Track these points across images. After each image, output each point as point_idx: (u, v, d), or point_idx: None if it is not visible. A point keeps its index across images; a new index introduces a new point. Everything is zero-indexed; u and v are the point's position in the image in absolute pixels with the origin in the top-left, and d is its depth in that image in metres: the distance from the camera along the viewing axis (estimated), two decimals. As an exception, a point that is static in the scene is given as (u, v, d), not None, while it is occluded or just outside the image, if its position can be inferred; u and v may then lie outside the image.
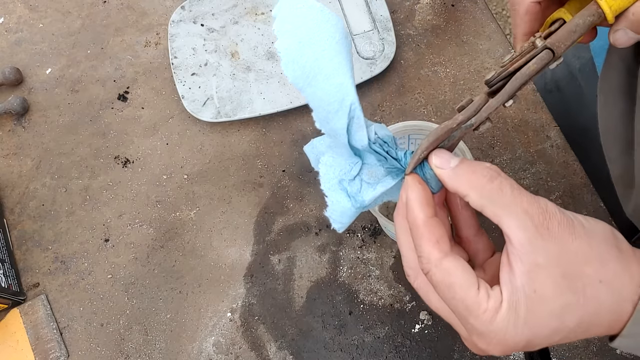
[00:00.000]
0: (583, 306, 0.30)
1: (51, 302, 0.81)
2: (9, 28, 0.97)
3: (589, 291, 0.30)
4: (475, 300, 0.31)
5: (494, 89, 0.37)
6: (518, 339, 0.30)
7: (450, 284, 0.32)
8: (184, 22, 0.91)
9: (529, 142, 0.83)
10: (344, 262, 0.80)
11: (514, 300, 0.30)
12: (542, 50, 0.36)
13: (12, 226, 0.85)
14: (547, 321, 0.30)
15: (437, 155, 0.35)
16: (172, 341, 0.78)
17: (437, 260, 0.32)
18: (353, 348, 0.75)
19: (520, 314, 0.30)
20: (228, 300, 0.79)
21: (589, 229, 0.31)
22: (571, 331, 0.31)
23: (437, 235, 0.33)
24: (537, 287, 0.30)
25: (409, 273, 0.36)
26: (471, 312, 0.31)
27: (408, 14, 0.93)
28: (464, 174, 0.33)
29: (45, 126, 0.91)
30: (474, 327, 0.31)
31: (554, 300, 0.30)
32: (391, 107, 0.87)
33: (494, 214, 0.31)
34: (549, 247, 0.30)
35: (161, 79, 0.92)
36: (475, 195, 0.32)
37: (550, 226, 0.30)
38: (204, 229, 0.83)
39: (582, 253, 0.31)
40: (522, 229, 0.30)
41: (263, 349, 0.77)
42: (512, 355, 0.73)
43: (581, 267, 0.30)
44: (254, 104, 0.86)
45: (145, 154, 0.88)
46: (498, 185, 0.32)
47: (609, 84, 0.54)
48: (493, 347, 0.31)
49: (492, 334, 0.30)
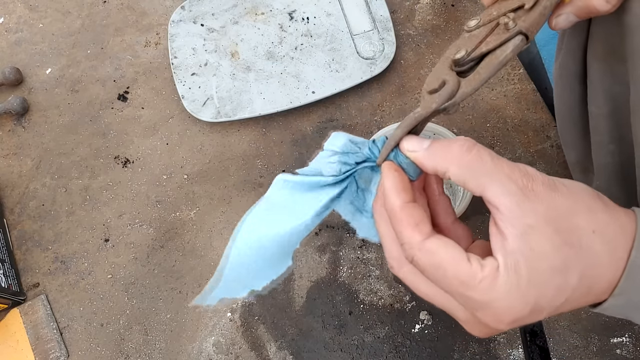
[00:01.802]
0: (582, 258, 0.29)
1: (51, 302, 0.81)
2: (9, 28, 0.97)
3: (584, 242, 0.30)
4: (468, 271, 0.30)
5: (463, 69, 0.36)
6: (525, 302, 0.29)
7: (438, 264, 0.30)
8: (184, 22, 0.91)
9: (529, 142, 0.83)
10: (344, 262, 0.80)
11: (511, 263, 0.29)
12: (516, 35, 0.35)
13: (12, 226, 0.85)
14: (551, 277, 0.29)
15: (408, 140, 0.34)
16: (172, 341, 0.78)
17: (419, 243, 0.31)
18: (353, 348, 0.75)
19: (523, 274, 0.29)
20: (228, 300, 0.79)
21: (571, 187, 0.32)
22: (575, 290, 0.30)
23: (417, 218, 0.32)
24: (533, 245, 0.29)
25: (392, 264, 0.35)
26: (468, 285, 0.29)
27: (408, 14, 0.93)
28: (440, 150, 0.32)
29: (45, 126, 0.91)
30: (474, 301, 0.30)
31: (553, 255, 0.29)
32: (391, 107, 0.87)
33: (477, 185, 0.31)
34: (538, 207, 0.29)
35: (161, 79, 0.92)
36: (455, 169, 0.31)
37: (534, 187, 0.30)
38: (204, 229, 0.83)
39: (570, 207, 0.30)
40: (508, 194, 0.30)
41: (263, 349, 0.77)
42: (511, 355, 0.73)
43: (573, 221, 0.30)
44: (254, 104, 0.86)
45: (145, 154, 0.88)
46: (476, 154, 0.31)
47: (565, 71, 0.54)
48: (500, 318, 0.30)
49: (496, 302, 0.29)
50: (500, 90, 0.86)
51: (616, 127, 0.47)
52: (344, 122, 0.87)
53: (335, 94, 0.86)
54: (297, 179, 0.37)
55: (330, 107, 0.88)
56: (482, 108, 0.86)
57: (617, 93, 0.45)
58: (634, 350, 0.72)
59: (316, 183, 0.37)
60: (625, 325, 0.73)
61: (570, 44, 0.50)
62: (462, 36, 0.38)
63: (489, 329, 0.32)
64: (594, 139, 0.51)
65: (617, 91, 0.45)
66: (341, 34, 0.89)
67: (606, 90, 0.46)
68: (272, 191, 0.38)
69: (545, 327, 0.73)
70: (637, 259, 0.30)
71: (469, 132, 0.84)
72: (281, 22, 0.90)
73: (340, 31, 0.89)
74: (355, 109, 0.88)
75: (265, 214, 0.37)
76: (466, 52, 0.35)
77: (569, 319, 0.74)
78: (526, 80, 0.86)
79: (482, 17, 0.37)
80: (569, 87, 0.54)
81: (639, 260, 0.30)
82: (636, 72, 0.39)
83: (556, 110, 0.60)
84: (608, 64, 0.45)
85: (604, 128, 0.49)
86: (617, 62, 0.43)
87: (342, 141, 0.37)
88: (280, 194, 0.37)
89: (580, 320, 0.74)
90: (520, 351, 0.74)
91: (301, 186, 0.37)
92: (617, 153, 0.49)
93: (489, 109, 0.85)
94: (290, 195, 0.37)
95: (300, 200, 0.37)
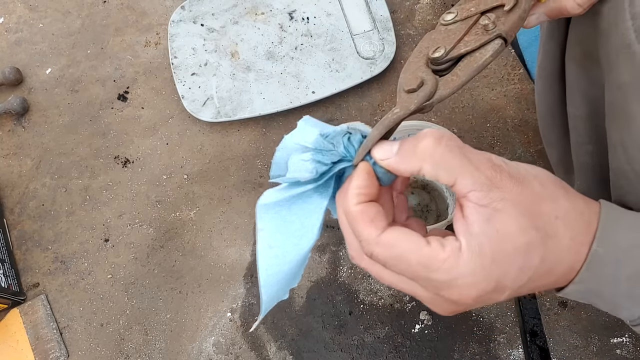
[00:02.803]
0: (545, 243, 0.30)
1: (51, 302, 0.81)
2: (9, 28, 0.97)
3: (548, 227, 0.31)
4: (430, 254, 0.30)
5: (441, 68, 0.35)
6: (489, 279, 0.30)
7: (398, 255, 0.31)
8: (184, 22, 0.91)
9: (529, 142, 0.83)
10: (344, 262, 0.79)
11: (475, 244, 0.30)
12: (495, 38, 0.34)
13: (12, 226, 0.85)
14: (514, 257, 0.30)
15: (377, 148, 0.34)
16: (172, 341, 0.78)
17: (376, 237, 0.32)
18: (353, 348, 0.75)
19: (487, 253, 0.30)
20: (228, 300, 0.79)
21: (535, 174, 0.33)
22: (536, 270, 0.31)
23: (371, 214, 0.32)
24: (499, 227, 0.30)
25: (353, 255, 0.35)
26: (431, 267, 0.30)
27: (408, 14, 0.93)
28: (409, 152, 0.32)
29: (45, 126, 0.91)
30: (439, 281, 0.30)
31: (518, 236, 0.30)
32: (391, 106, 0.87)
33: (449, 177, 0.31)
34: (505, 195, 0.30)
35: (161, 79, 0.92)
36: (428, 165, 0.32)
37: (502, 177, 0.31)
38: (204, 229, 0.83)
39: (536, 194, 0.31)
40: (478, 185, 0.30)
41: (263, 349, 0.77)
42: (511, 355, 0.73)
43: (538, 206, 0.31)
44: (254, 104, 0.86)
45: (145, 154, 0.88)
46: (445, 147, 0.31)
47: (544, 72, 0.54)
48: (465, 294, 0.30)
49: (460, 279, 0.30)
50: (500, 90, 0.86)
51: (594, 128, 0.48)
52: (344, 122, 0.87)
53: (335, 94, 0.86)
54: (279, 196, 0.36)
55: (330, 107, 0.88)
56: (482, 108, 0.86)
57: (593, 95, 0.45)
58: (634, 350, 0.72)
59: (299, 195, 0.36)
60: (625, 326, 0.73)
61: (548, 45, 0.51)
62: (437, 29, 0.37)
63: (455, 306, 0.33)
64: (573, 139, 0.52)
65: (593, 94, 0.45)
66: (341, 34, 0.89)
67: (583, 92, 0.47)
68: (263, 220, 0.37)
69: (545, 327, 0.73)
70: (598, 251, 0.31)
71: (469, 132, 0.84)
72: (281, 22, 0.90)
73: (340, 31, 0.89)
74: (355, 109, 0.87)
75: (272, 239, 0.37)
76: (445, 51, 0.35)
77: (569, 319, 0.74)
78: (526, 80, 0.86)
79: (458, 11, 0.37)
80: (548, 87, 0.54)
81: (600, 253, 0.31)
82: (610, 76, 0.39)
83: (538, 110, 0.61)
84: (584, 67, 0.45)
85: (582, 129, 0.49)
86: (593, 66, 0.43)
87: (313, 137, 0.36)
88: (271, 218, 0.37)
89: (580, 320, 0.74)
90: (520, 351, 0.74)
91: (287, 202, 0.36)
92: (595, 153, 0.50)
93: (489, 109, 0.85)
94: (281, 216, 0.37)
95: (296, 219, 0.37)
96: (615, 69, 0.38)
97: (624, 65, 0.37)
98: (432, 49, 0.35)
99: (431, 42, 0.36)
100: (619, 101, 0.38)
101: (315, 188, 0.36)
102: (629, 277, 0.31)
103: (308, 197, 0.36)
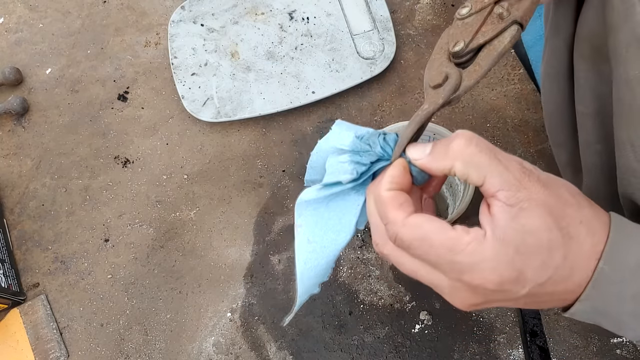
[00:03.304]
0: (568, 243, 0.31)
1: (51, 302, 0.81)
2: (9, 28, 0.97)
3: (572, 230, 0.31)
4: (455, 236, 0.31)
5: (462, 61, 0.37)
6: (512, 267, 0.30)
7: (423, 236, 0.31)
8: (184, 22, 0.91)
9: (529, 142, 0.83)
10: (344, 262, 0.79)
11: (499, 233, 0.30)
12: (511, 24, 0.35)
13: (12, 226, 0.85)
14: (538, 251, 0.30)
15: (411, 149, 0.35)
16: (172, 341, 0.78)
17: (402, 219, 0.32)
18: (353, 348, 0.75)
19: (510, 242, 0.30)
20: (228, 300, 0.79)
21: (562, 182, 0.34)
22: (557, 270, 0.31)
23: (401, 200, 0.33)
24: (524, 222, 0.30)
25: (377, 241, 0.36)
26: (455, 249, 0.30)
27: (408, 14, 0.93)
28: (441, 152, 0.33)
29: (45, 126, 0.91)
30: (462, 264, 0.31)
31: (542, 232, 0.30)
32: (391, 107, 0.87)
33: (479, 176, 0.32)
34: (532, 195, 0.31)
35: (161, 79, 0.92)
36: (460, 164, 0.32)
37: (530, 179, 0.32)
38: (204, 229, 0.83)
39: (562, 198, 0.32)
40: (506, 184, 0.31)
41: (263, 349, 0.77)
42: (512, 355, 0.73)
43: (564, 208, 0.31)
44: (254, 104, 0.86)
45: (145, 154, 0.88)
46: (476, 146, 0.32)
47: (551, 70, 0.54)
48: (487, 279, 0.30)
49: (484, 263, 0.30)
50: (500, 90, 0.86)
51: (602, 127, 0.48)
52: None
53: (335, 94, 0.86)
54: (318, 194, 0.38)
55: (330, 107, 0.88)
56: (482, 108, 0.86)
57: (602, 92, 0.45)
58: (634, 350, 0.72)
59: (337, 193, 0.38)
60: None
61: (554, 42, 0.51)
62: (454, 24, 0.38)
63: (475, 296, 0.32)
64: (582, 138, 0.52)
65: (602, 91, 0.45)
66: (341, 34, 0.89)
67: (592, 89, 0.47)
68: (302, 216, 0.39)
69: (545, 327, 0.73)
70: (604, 269, 0.31)
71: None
72: (281, 22, 0.90)
73: (340, 31, 0.89)
74: (355, 109, 0.87)
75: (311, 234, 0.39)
76: (464, 44, 0.36)
77: (569, 319, 0.74)
78: (526, 80, 0.86)
79: (472, 4, 0.38)
80: (556, 86, 0.54)
81: (606, 270, 0.31)
82: (618, 71, 0.39)
83: (544, 111, 0.61)
84: (593, 64, 0.45)
85: (591, 127, 0.49)
86: (602, 61, 0.43)
87: (349, 139, 0.38)
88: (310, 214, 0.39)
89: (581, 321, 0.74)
90: (520, 351, 0.74)
91: (326, 199, 0.38)
92: (603, 153, 0.49)
93: (489, 109, 0.85)
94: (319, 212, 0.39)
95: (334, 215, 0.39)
96: (623, 64, 0.38)
97: (633, 60, 0.37)
98: (452, 43, 0.36)
99: (450, 37, 0.37)
100: (627, 97, 0.38)
101: (353, 187, 0.38)
102: (634, 296, 0.31)
103: (346, 194, 0.38)
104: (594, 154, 0.51)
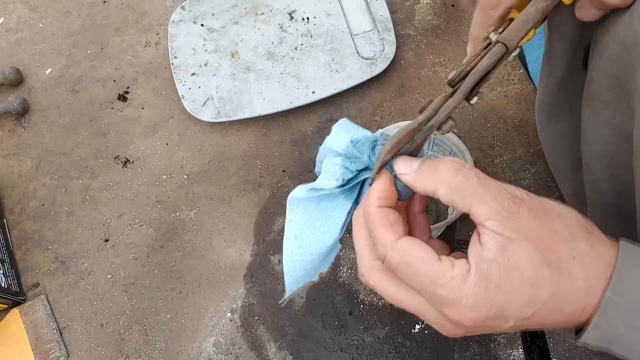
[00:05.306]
0: (557, 280, 0.30)
1: (51, 302, 0.81)
2: (9, 28, 0.97)
3: (562, 265, 0.30)
4: (439, 269, 0.31)
5: (455, 89, 0.37)
6: (491, 305, 0.30)
7: (410, 262, 0.31)
8: (184, 22, 0.91)
9: (529, 142, 0.83)
10: (344, 262, 0.79)
11: (483, 268, 0.30)
12: (495, 44, 0.36)
13: (12, 226, 0.85)
14: (521, 288, 0.30)
15: (399, 162, 0.35)
16: (172, 341, 0.78)
17: (392, 242, 0.32)
18: (353, 348, 0.75)
19: (493, 279, 0.30)
20: (228, 301, 0.79)
21: (559, 212, 0.32)
22: (545, 304, 0.30)
23: (391, 219, 0.33)
24: (510, 256, 0.30)
25: (363, 272, 0.36)
26: (437, 283, 0.30)
27: (408, 14, 0.93)
28: (428, 172, 0.33)
29: (45, 126, 0.91)
30: (443, 298, 0.31)
31: (527, 269, 0.30)
32: (391, 107, 0.87)
33: (464, 204, 0.31)
34: (521, 227, 0.30)
35: (161, 79, 0.92)
36: (444, 190, 0.32)
37: (520, 211, 0.31)
38: (204, 229, 0.83)
39: (554, 231, 0.31)
40: (494, 214, 0.31)
41: (263, 349, 0.77)
42: (511, 355, 0.73)
43: (554, 243, 0.31)
44: (254, 104, 0.86)
45: (145, 154, 0.88)
46: (463, 176, 0.32)
47: (549, 106, 0.54)
48: (464, 316, 0.30)
49: (464, 300, 0.30)
50: (500, 91, 0.86)
51: (609, 167, 0.47)
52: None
53: (335, 94, 0.86)
54: (309, 193, 0.38)
55: (330, 107, 0.88)
56: (482, 108, 0.86)
57: (606, 136, 0.45)
58: (634, 350, 0.72)
59: (327, 194, 0.38)
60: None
61: (547, 82, 0.52)
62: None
63: (456, 328, 0.33)
64: (586, 177, 0.51)
65: (606, 134, 0.45)
66: (341, 34, 0.89)
67: (595, 132, 0.46)
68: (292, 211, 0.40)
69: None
70: (612, 299, 0.31)
71: (469, 132, 0.84)
72: (281, 22, 0.90)
73: (340, 31, 0.89)
74: (355, 109, 0.87)
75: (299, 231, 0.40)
76: (457, 72, 0.36)
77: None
78: (526, 80, 0.86)
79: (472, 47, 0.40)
80: (554, 122, 0.54)
81: (614, 300, 0.31)
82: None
83: (544, 145, 0.60)
84: (603, 105, 0.44)
85: (596, 167, 0.49)
86: (604, 108, 0.43)
87: (344, 142, 0.38)
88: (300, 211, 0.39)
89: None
90: (520, 351, 0.74)
91: (316, 199, 0.39)
92: (610, 193, 0.49)
93: (489, 109, 0.85)
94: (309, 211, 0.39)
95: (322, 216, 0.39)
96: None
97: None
98: (450, 74, 0.37)
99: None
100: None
101: (342, 190, 0.38)
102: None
103: (335, 197, 0.39)
104: (601, 193, 0.50)
